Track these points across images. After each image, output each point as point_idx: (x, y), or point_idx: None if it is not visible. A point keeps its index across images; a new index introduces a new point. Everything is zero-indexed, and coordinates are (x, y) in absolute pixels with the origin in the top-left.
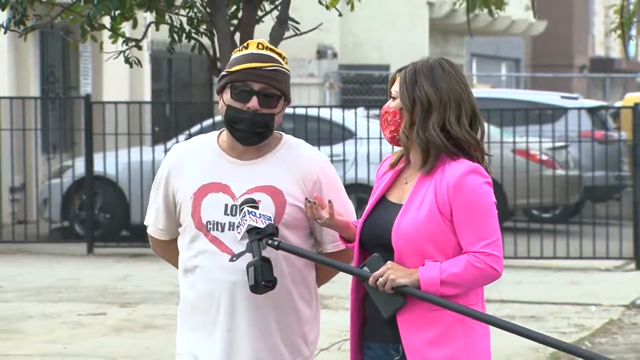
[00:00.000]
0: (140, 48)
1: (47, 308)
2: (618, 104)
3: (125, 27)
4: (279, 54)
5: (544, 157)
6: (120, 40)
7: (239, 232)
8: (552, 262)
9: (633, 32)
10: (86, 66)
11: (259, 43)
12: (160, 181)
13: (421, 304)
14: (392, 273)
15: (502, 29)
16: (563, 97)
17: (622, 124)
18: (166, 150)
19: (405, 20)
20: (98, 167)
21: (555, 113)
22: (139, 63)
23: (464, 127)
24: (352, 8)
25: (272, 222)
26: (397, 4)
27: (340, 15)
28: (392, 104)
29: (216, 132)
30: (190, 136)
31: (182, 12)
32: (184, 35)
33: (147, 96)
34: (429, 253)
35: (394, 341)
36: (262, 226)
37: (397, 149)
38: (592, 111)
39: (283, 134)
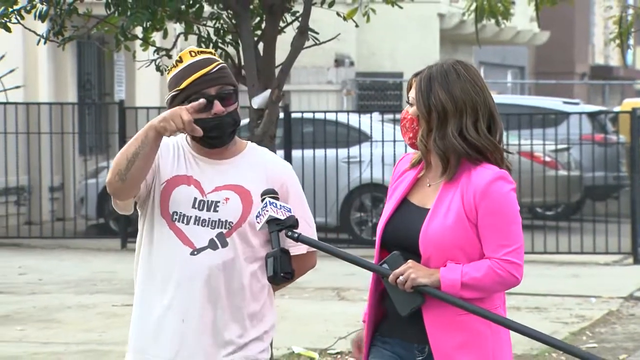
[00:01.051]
0: (170, 57)
1: (84, 299)
2: (617, 109)
3: (156, 37)
4: (212, 53)
5: (547, 159)
6: (152, 49)
7: (258, 222)
8: (555, 256)
9: (631, 41)
10: (120, 74)
11: (190, 51)
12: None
13: (449, 307)
14: (413, 272)
15: (508, 39)
16: (565, 103)
17: (620, 127)
18: None
19: (417, 31)
20: None
21: (557, 117)
22: (169, 71)
23: (481, 133)
24: (368, 20)
25: (293, 214)
26: (409, 16)
27: (356, 26)
28: (410, 110)
29: (183, 135)
30: None
31: (209, 23)
32: (211, 44)
33: None
34: (456, 258)
35: (419, 341)
36: (283, 217)
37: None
38: (592, 116)
39: (248, 141)
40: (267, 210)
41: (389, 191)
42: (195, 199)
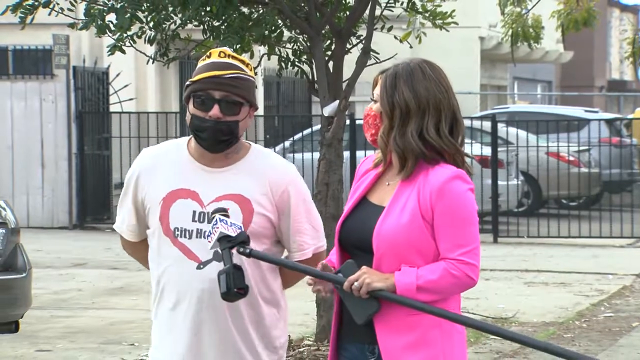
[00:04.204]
0: (255, 74)
1: None
2: (630, 116)
3: (244, 57)
4: (242, 61)
5: (571, 158)
6: None
7: (209, 241)
8: (578, 240)
9: None
10: None
11: (220, 51)
12: (129, 183)
13: (399, 308)
14: (367, 277)
15: (538, 58)
16: (586, 111)
17: (633, 132)
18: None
19: (461, 51)
20: None
21: (580, 123)
22: (255, 85)
23: (442, 134)
24: (420, 41)
25: (243, 230)
26: (455, 39)
27: (410, 47)
28: (374, 107)
29: (186, 138)
30: (294, 142)
31: (288, 45)
32: (289, 63)
33: (260, 111)
34: (409, 257)
35: (370, 342)
36: (234, 234)
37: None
38: (609, 122)
39: (252, 143)
40: (217, 228)
41: (350, 191)
42: (195, 211)
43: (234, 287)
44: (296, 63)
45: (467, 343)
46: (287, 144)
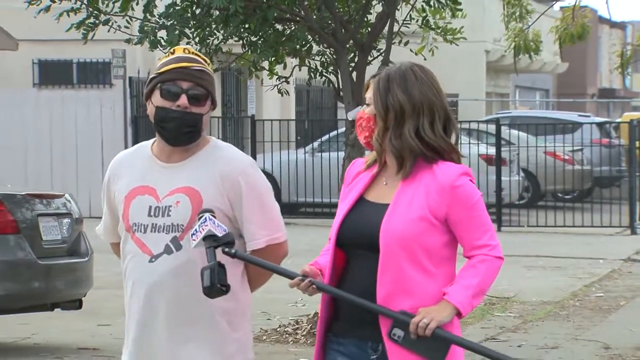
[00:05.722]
0: (288, 82)
1: None
2: (618, 120)
3: (278, 68)
4: (204, 60)
5: (566, 157)
6: (275, 77)
7: (194, 239)
8: (572, 229)
9: (629, 70)
10: (251, 95)
11: (185, 49)
12: (104, 189)
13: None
14: (430, 314)
15: (537, 68)
16: (579, 116)
17: (621, 134)
18: (305, 153)
19: (469, 62)
20: (259, 164)
21: (574, 126)
22: (287, 93)
23: (437, 133)
24: (433, 54)
25: (230, 232)
26: (463, 52)
27: (425, 59)
28: (366, 110)
29: (153, 139)
30: (322, 143)
31: (317, 58)
32: (318, 73)
33: (292, 115)
34: (415, 253)
35: (373, 340)
36: (220, 235)
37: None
38: (600, 125)
39: (213, 138)
40: (206, 225)
41: (342, 193)
42: (150, 207)
43: (218, 282)
44: (324, 73)
45: (474, 319)
46: (315, 144)
